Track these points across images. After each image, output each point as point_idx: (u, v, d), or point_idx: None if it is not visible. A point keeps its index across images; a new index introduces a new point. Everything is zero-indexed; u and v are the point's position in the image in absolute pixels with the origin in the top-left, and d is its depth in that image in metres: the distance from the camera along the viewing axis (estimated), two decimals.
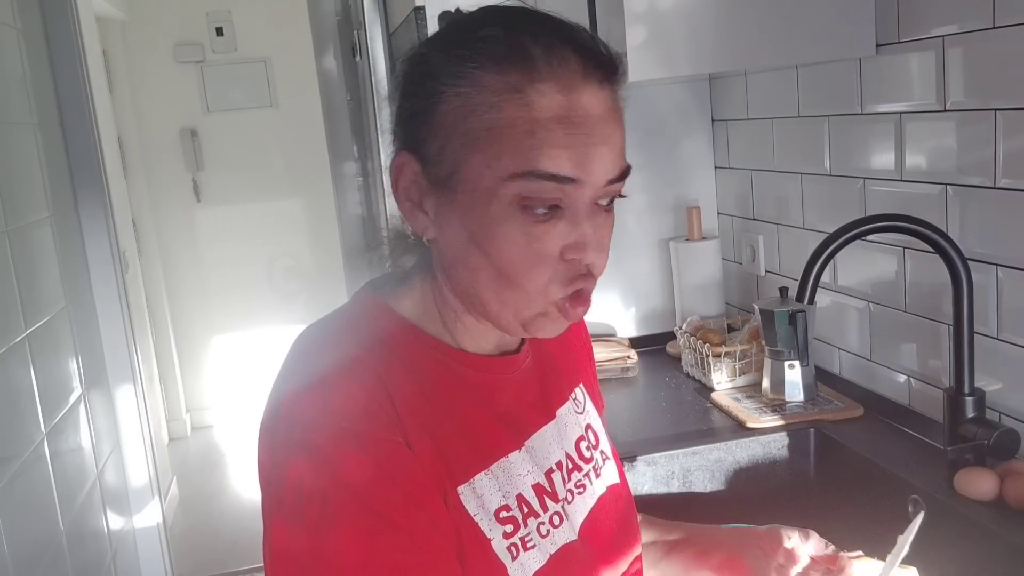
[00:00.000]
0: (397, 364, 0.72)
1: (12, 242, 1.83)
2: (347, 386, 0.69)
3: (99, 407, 2.31)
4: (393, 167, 0.73)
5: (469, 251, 0.71)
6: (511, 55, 0.67)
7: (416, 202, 0.73)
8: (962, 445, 1.15)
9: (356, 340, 0.74)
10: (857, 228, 1.16)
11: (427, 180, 0.72)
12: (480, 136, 0.68)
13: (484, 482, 0.74)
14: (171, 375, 4.49)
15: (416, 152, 0.72)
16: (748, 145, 1.80)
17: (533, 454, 0.79)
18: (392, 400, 0.69)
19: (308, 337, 0.77)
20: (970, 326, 1.15)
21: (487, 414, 0.77)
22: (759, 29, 1.35)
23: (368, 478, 0.66)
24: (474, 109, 0.68)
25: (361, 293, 0.81)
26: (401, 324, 0.76)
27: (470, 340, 0.78)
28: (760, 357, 1.58)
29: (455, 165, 0.69)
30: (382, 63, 2.64)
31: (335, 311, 0.80)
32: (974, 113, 1.18)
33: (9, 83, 1.97)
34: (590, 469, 0.86)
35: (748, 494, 1.38)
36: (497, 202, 0.68)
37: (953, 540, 1.11)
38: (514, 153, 0.67)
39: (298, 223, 4.61)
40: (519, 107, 0.67)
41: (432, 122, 0.70)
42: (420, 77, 0.71)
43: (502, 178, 0.67)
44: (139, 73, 4.33)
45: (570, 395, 0.90)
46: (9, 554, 1.60)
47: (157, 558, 2.52)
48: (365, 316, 0.77)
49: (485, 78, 0.67)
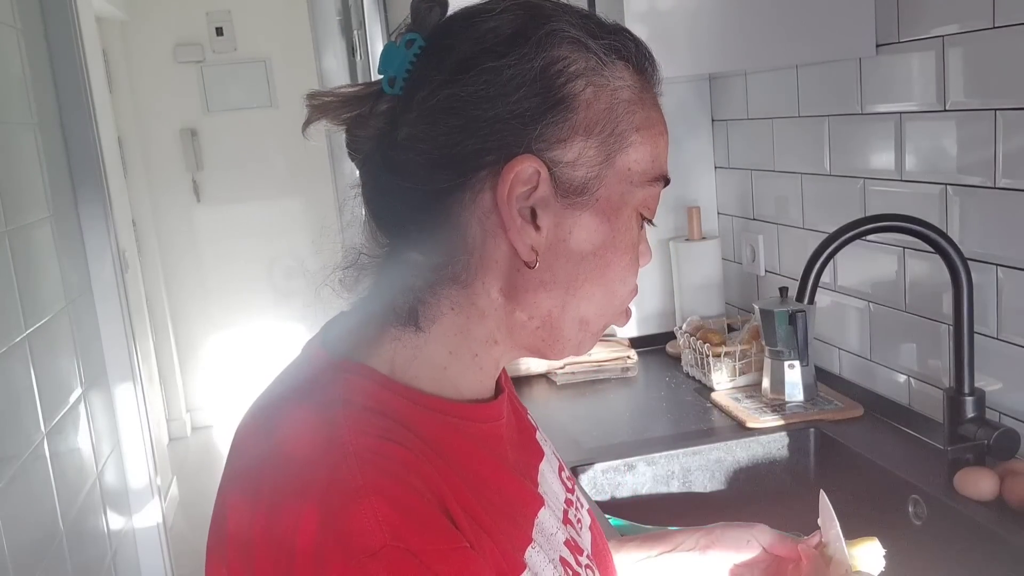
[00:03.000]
0: (427, 448, 0.58)
1: (12, 242, 1.83)
2: (392, 493, 0.53)
3: (99, 407, 2.31)
4: (510, 175, 0.60)
5: (583, 268, 0.63)
6: (637, 52, 0.65)
7: (526, 217, 0.61)
8: (962, 445, 1.15)
9: (374, 429, 0.57)
10: (857, 228, 1.16)
11: (554, 189, 0.61)
12: (627, 137, 0.63)
13: (534, 558, 0.64)
14: (171, 375, 4.49)
15: (543, 156, 0.61)
16: (748, 145, 1.80)
17: (550, 504, 0.71)
18: (443, 499, 0.56)
19: (303, 422, 0.59)
20: (970, 326, 1.15)
21: (504, 472, 0.67)
22: (759, 29, 1.35)
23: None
24: (624, 106, 0.62)
25: (324, 358, 0.65)
26: (398, 390, 0.62)
27: (467, 386, 0.66)
28: (760, 357, 1.58)
29: (597, 169, 0.62)
30: None
31: (305, 381, 0.64)
32: (974, 113, 1.18)
33: (9, 83, 1.97)
34: (576, 500, 0.79)
35: (748, 494, 1.38)
36: (626, 210, 0.64)
37: (953, 540, 1.11)
38: (653, 156, 0.65)
39: (298, 223, 4.60)
40: (650, 107, 0.65)
41: (574, 120, 0.61)
42: (551, 68, 0.60)
43: (637, 183, 0.64)
44: (139, 73, 4.33)
45: (531, 421, 0.82)
46: (9, 554, 1.60)
47: (157, 558, 2.52)
48: (360, 391, 0.61)
49: (628, 71, 0.63)
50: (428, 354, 0.64)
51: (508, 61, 0.60)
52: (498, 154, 0.60)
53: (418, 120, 0.61)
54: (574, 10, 0.64)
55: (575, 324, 0.65)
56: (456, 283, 0.63)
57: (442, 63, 0.61)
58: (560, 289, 0.63)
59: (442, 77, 0.61)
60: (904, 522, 1.19)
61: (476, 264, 0.63)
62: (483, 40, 0.61)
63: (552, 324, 0.65)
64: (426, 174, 0.62)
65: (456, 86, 0.60)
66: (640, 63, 0.65)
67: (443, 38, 0.62)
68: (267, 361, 5.17)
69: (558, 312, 0.64)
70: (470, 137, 0.60)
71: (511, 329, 0.65)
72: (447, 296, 0.64)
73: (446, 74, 0.61)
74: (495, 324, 0.65)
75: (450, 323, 0.64)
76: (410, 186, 0.62)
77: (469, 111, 0.60)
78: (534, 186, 0.61)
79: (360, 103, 0.65)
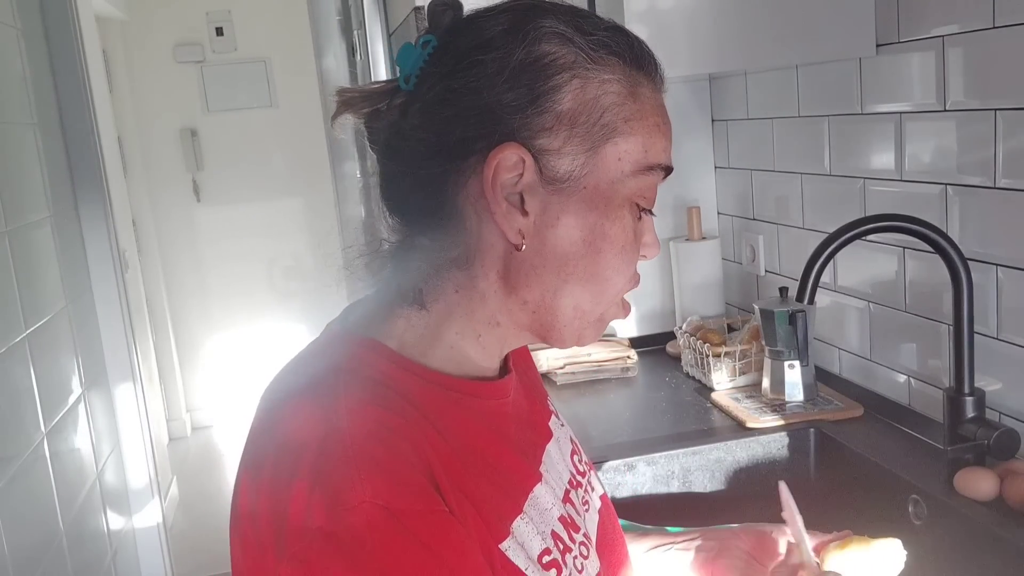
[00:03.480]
0: (420, 418, 0.63)
1: (12, 242, 1.83)
2: (377, 456, 0.58)
3: (99, 407, 2.31)
4: (494, 162, 0.63)
5: (572, 255, 0.66)
6: (633, 46, 0.67)
7: (514, 203, 0.65)
8: (962, 445, 1.15)
9: (372, 398, 0.63)
10: (857, 228, 1.16)
11: (539, 176, 0.64)
12: (616, 127, 0.65)
13: (522, 528, 0.67)
14: (171, 375, 4.49)
15: (528, 144, 0.64)
16: (748, 145, 1.80)
17: (549, 481, 0.74)
18: (428, 464, 0.60)
19: (303, 393, 0.65)
20: (970, 326, 1.15)
21: (503, 447, 0.70)
22: (759, 29, 1.35)
23: (415, 564, 0.56)
24: (612, 98, 0.65)
25: (340, 333, 0.71)
26: (405, 365, 0.67)
27: (472, 364, 0.71)
28: (760, 357, 1.58)
29: (583, 158, 0.65)
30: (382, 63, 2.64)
31: (315, 356, 0.70)
32: (974, 113, 1.18)
33: (9, 83, 1.97)
34: (587, 483, 0.82)
35: (748, 494, 1.38)
36: (616, 199, 0.66)
37: (953, 540, 1.11)
38: (647, 146, 0.67)
39: (298, 223, 4.61)
40: (645, 98, 0.67)
41: (558, 110, 0.64)
42: (538, 61, 0.64)
43: (629, 172, 0.66)
44: (139, 73, 4.33)
45: (549, 406, 0.85)
46: (9, 554, 1.60)
47: (157, 558, 2.52)
48: (366, 364, 0.66)
49: (620, 66, 0.66)
50: (434, 333, 0.69)
51: (496, 55, 0.64)
52: (485, 142, 0.64)
53: (420, 111, 0.66)
54: (570, 9, 0.67)
55: (569, 310, 0.68)
56: (458, 266, 0.68)
57: (443, 59, 0.66)
58: (551, 274, 0.67)
59: (441, 71, 0.66)
60: (904, 522, 1.19)
61: (475, 247, 0.67)
62: (478, 36, 0.65)
63: (546, 309, 0.68)
64: (423, 161, 0.66)
65: (450, 78, 0.65)
66: (636, 58, 0.67)
67: (449, 37, 0.67)
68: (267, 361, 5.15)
69: (551, 297, 0.68)
70: (460, 125, 0.65)
71: (511, 311, 0.69)
72: (451, 278, 0.68)
73: (444, 68, 0.66)
74: (496, 306, 0.69)
75: (455, 304, 0.69)
76: (410, 172, 0.68)
77: (460, 101, 0.64)
78: (520, 173, 0.64)
79: (379, 98, 0.70)
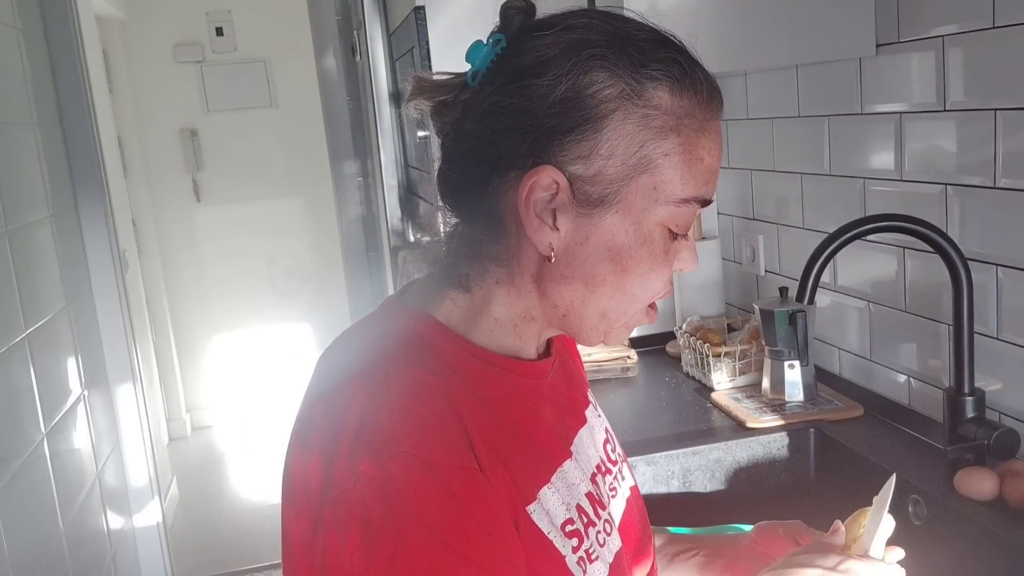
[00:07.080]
0: (461, 384, 0.68)
1: (12, 242, 1.83)
2: (418, 411, 0.64)
3: (99, 407, 2.31)
4: (529, 181, 0.67)
5: (600, 269, 0.70)
6: (686, 79, 0.68)
7: (545, 219, 0.69)
8: (962, 445, 1.16)
9: (418, 360, 0.69)
10: (857, 228, 1.16)
11: (572, 198, 0.68)
12: (654, 161, 0.67)
13: (549, 496, 0.71)
14: (171, 375, 4.49)
15: (564, 169, 0.67)
16: (748, 145, 1.80)
17: (579, 461, 0.78)
18: (464, 424, 0.65)
19: (357, 355, 0.72)
20: (970, 326, 1.15)
21: (538, 423, 0.75)
22: (759, 29, 1.35)
23: (444, 512, 0.61)
24: (652, 132, 0.67)
25: (396, 305, 0.77)
26: (451, 337, 0.72)
27: (511, 347, 0.75)
28: (760, 357, 1.58)
29: (616, 186, 0.67)
30: (382, 63, 2.64)
31: (369, 324, 0.77)
32: (974, 113, 1.18)
33: (9, 83, 1.97)
34: (617, 471, 0.86)
35: (748, 494, 1.38)
36: (647, 223, 0.69)
37: (953, 540, 1.11)
38: (685, 180, 0.68)
39: (298, 223, 4.61)
40: (691, 133, 0.68)
41: (597, 140, 0.66)
42: (583, 91, 0.66)
43: (662, 202, 0.68)
44: (139, 73, 4.33)
45: (588, 397, 0.89)
46: (9, 554, 1.60)
47: (157, 558, 2.52)
48: (415, 333, 0.72)
49: (666, 101, 0.67)
50: (477, 315, 0.74)
51: (545, 80, 0.66)
52: (525, 160, 0.68)
53: (475, 117, 0.70)
54: (627, 34, 0.68)
55: (596, 316, 0.73)
56: (498, 263, 0.73)
57: (501, 71, 0.69)
58: (579, 284, 0.71)
59: (496, 84, 0.69)
60: (904, 522, 1.19)
61: (513, 250, 0.72)
62: (532, 56, 0.68)
63: (575, 313, 0.73)
64: (470, 165, 0.71)
65: (501, 94, 0.68)
66: (693, 89, 0.68)
67: (512, 46, 0.69)
68: (267, 361, 5.17)
69: (579, 304, 0.72)
70: (504, 141, 0.68)
71: (543, 311, 0.74)
72: (493, 272, 0.73)
73: (499, 83, 0.69)
74: (530, 303, 0.74)
75: (495, 294, 0.74)
76: (462, 171, 0.72)
77: (507, 118, 0.68)
78: (554, 193, 0.68)
79: (449, 90, 0.73)
